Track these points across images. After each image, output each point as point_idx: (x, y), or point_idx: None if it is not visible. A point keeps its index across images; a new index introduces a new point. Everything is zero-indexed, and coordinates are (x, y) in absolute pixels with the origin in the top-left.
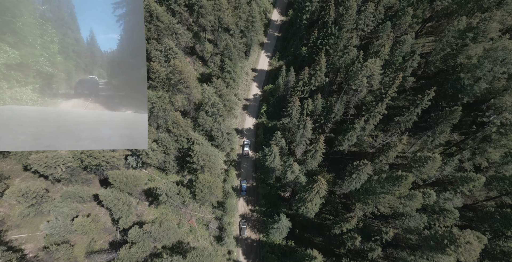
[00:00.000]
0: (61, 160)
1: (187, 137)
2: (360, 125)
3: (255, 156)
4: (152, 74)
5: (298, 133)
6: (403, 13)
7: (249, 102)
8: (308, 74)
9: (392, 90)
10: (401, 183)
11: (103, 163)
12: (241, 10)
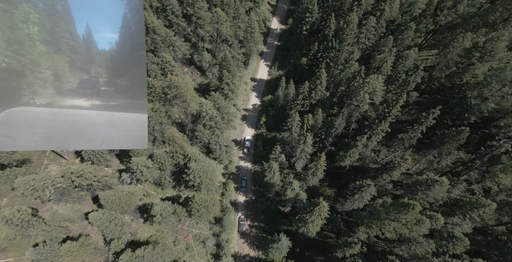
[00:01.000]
0: (50, 182)
1: (184, 153)
2: (363, 143)
3: (254, 168)
4: (148, 88)
5: (299, 148)
6: (405, 27)
7: (248, 113)
8: (308, 88)
9: (396, 110)
10: (408, 211)
11: (94, 183)
12: (239, 20)
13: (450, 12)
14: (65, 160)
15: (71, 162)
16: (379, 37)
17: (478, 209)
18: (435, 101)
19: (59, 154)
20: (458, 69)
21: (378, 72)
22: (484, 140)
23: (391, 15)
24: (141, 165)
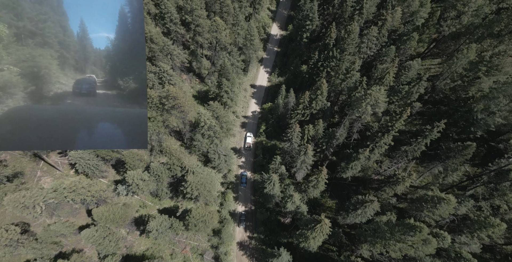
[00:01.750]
0: (41, 198)
1: (181, 165)
2: (365, 156)
3: (253, 177)
4: None
5: (299, 159)
6: (408, 38)
7: (247, 120)
8: (309, 98)
9: (400, 124)
10: (415, 234)
11: (88, 198)
12: (239, 27)
13: (454, 23)
14: (59, 171)
15: (65, 174)
16: (380, 46)
17: (487, 229)
18: (439, 113)
19: (53, 165)
20: (464, 83)
21: (380, 83)
22: (490, 152)
23: (393, 24)
24: (136, 178)
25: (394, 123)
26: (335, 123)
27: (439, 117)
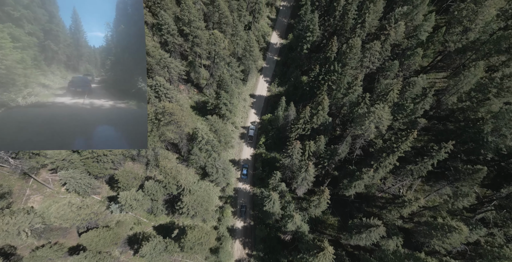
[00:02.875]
0: (27, 224)
1: (177, 184)
2: (369, 175)
3: (253, 190)
4: None
5: (300, 176)
6: (412, 53)
7: (246, 131)
8: (310, 113)
9: (406, 146)
10: None
11: (77, 222)
12: (238, 37)
13: (460, 38)
14: (49, 189)
15: (56, 191)
16: (383, 60)
17: (501, 261)
18: (447, 132)
19: (43, 183)
20: (472, 103)
21: (383, 99)
22: (501, 173)
23: (396, 39)
24: (130, 198)
25: (399, 145)
26: (337, 137)
27: (446, 137)
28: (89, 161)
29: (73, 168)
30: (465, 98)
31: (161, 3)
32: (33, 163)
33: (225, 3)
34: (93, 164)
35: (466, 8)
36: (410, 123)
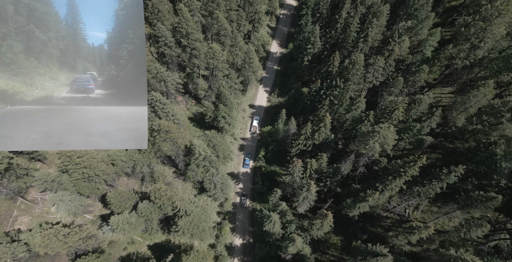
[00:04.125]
0: (9, 255)
1: (172, 205)
2: (374, 198)
3: (252, 205)
4: None
5: (301, 195)
6: (417, 69)
7: (246, 142)
8: (311, 129)
9: (414, 171)
10: None
11: (65, 250)
12: (237, 48)
13: (468, 56)
14: (38, 209)
15: (45, 211)
16: (387, 76)
17: None
18: (455, 152)
19: (32, 202)
20: (484, 127)
21: (388, 117)
22: None
23: (401, 54)
24: (122, 222)
25: (407, 170)
26: (339, 151)
27: (456, 159)
28: (79, 181)
29: (62, 189)
30: (477, 121)
31: (158, 15)
32: (21, 184)
33: (224, 14)
34: (84, 184)
35: (474, 25)
36: (416, 142)
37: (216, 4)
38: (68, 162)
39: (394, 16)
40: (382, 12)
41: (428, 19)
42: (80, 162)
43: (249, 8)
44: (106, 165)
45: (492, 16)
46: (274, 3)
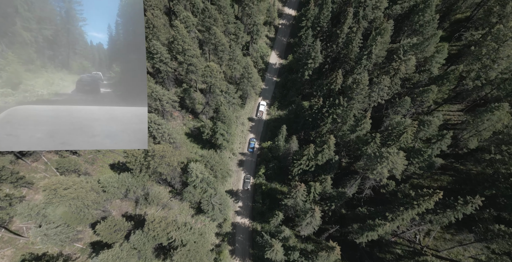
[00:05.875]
0: None
1: (168, 236)
2: (385, 229)
3: (252, 225)
4: (126, 157)
5: (305, 221)
6: (425, 89)
7: (245, 157)
8: (314, 150)
9: (429, 205)
10: None
11: None
12: (235, 62)
13: (479, 76)
14: (23, 239)
15: (30, 242)
16: (393, 94)
17: None
18: (468, 177)
19: (16, 233)
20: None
21: (396, 139)
22: None
23: (407, 72)
24: (113, 257)
25: (421, 203)
26: (343, 168)
27: (471, 187)
28: (67, 213)
29: (47, 222)
30: (495, 151)
31: (154, 30)
32: (3, 215)
33: (222, 27)
34: (73, 215)
35: (486, 46)
36: (426, 167)
37: (213, 19)
38: (54, 195)
39: (398, 30)
40: (386, 29)
41: (435, 36)
42: (67, 194)
43: (247, 20)
44: (96, 194)
45: (506, 37)
46: (273, 13)
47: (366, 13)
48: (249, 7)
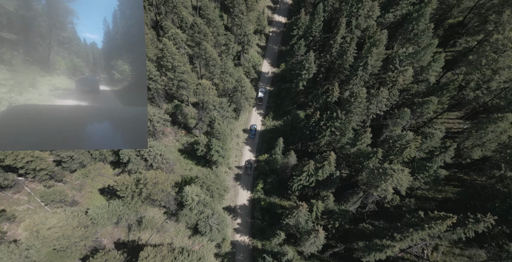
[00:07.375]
0: None
1: None
2: (394, 251)
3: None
4: (116, 186)
5: (309, 241)
6: (424, 101)
7: (241, 171)
8: (314, 166)
9: (442, 227)
10: None
11: None
12: (227, 74)
13: (480, 87)
14: None
15: None
16: (391, 105)
17: None
18: (478, 194)
19: None
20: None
21: (398, 154)
22: None
23: (404, 83)
24: None
25: (432, 226)
26: (344, 180)
27: (480, 203)
28: (52, 252)
29: None
30: (506, 168)
31: None
32: None
33: (212, 40)
34: (59, 253)
35: (486, 57)
36: (432, 182)
37: (203, 34)
38: (36, 238)
39: (391, 37)
40: (381, 40)
41: (431, 46)
42: (51, 234)
43: (238, 30)
44: (84, 228)
45: (506, 47)
46: (263, 21)
47: (359, 22)
48: (239, 18)
